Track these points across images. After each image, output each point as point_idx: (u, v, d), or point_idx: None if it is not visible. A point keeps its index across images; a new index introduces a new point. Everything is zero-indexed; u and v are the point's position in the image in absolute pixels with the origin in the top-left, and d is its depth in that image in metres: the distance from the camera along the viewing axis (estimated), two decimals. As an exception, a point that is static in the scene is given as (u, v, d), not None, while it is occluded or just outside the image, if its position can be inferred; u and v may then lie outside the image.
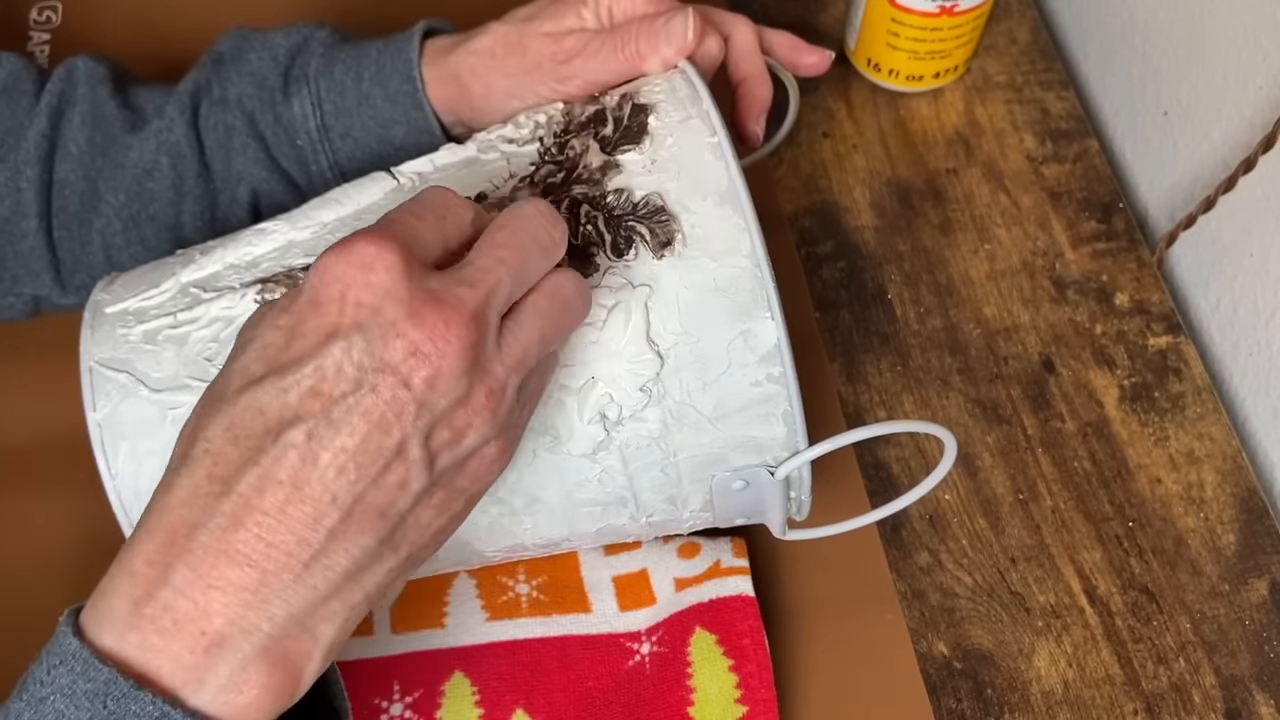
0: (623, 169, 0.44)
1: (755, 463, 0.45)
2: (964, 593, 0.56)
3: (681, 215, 0.43)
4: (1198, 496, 0.59)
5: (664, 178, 0.43)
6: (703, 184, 0.43)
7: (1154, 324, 0.64)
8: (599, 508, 0.45)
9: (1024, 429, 0.60)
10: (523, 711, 0.50)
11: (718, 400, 0.43)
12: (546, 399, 0.42)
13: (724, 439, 0.44)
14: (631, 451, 0.43)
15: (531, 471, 0.43)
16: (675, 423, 0.43)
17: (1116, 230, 0.67)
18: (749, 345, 0.42)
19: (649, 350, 0.42)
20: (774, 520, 0.48)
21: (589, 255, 0.42)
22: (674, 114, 0.45)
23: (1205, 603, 0.56)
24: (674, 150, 0.44)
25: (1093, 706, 0.53)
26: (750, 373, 0.43)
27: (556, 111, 0.48)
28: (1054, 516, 0.58)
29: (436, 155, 0.48)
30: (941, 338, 0.63)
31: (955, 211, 0.67)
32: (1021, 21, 0.75)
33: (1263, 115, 0.59)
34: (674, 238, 0.42)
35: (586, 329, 0.42)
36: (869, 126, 0.70)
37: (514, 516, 0.45)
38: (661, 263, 0.42)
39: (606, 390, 0.42)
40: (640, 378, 0.42)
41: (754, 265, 0.42)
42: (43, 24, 0.73)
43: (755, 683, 0.50)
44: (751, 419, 0.43)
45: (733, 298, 0.42)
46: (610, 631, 0.52)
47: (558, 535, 0.47)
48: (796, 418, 0.43)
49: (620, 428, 0.43)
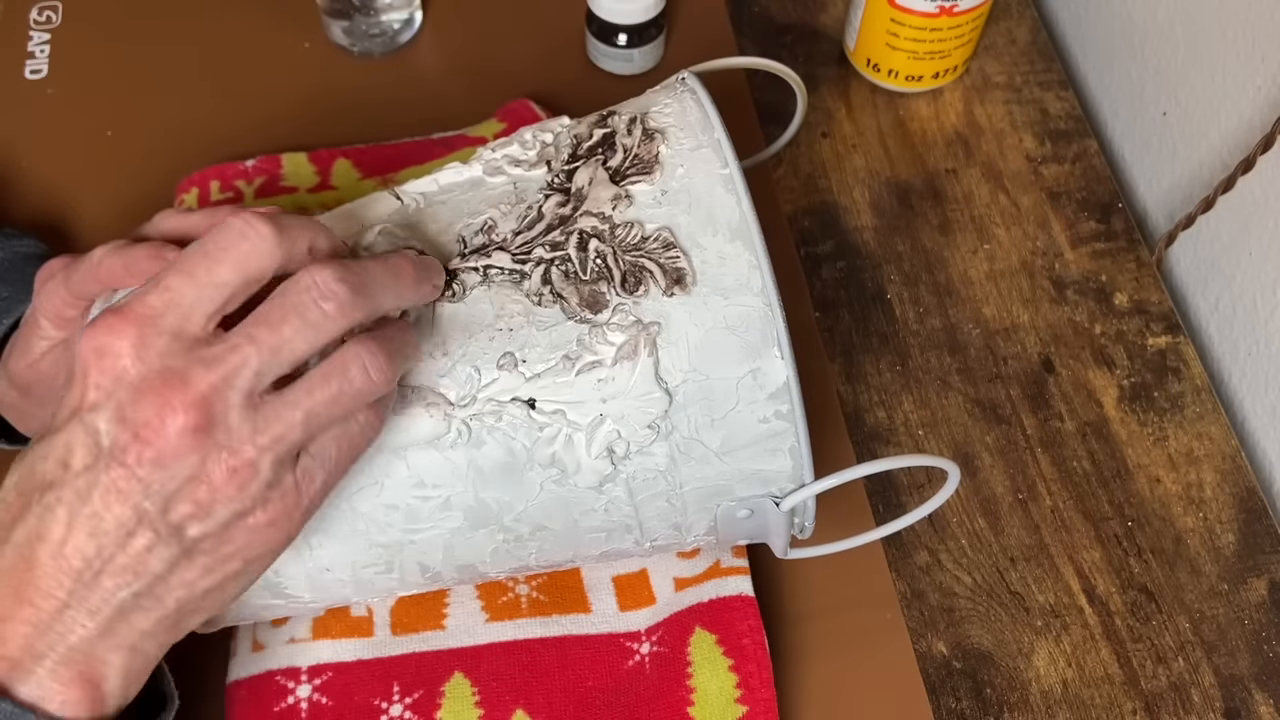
0: (633, 201, 0.43)
1: (760, 493, 0.45)
2: (963, 592, 0.56)
3: (692, 251, 0.42)
4: (1197, 496, 0.59)
5: (675, 210, 0.43)
6: (714, 218, 0.43)
7: (1153, 324, 0.64)
8: (603, 534, 0.45)
9: (1023, 429, 0.61)
10: (523, 712, 0.50)
11: (725, 436, 0.43)
12: (553, 438, 0.42)
13: (730, 472, 0.44)
14: (638, 484, 0.43)
15: (538, 503, 0.43)
16: (682, 457, 0.43)
17: (1116, 230, 0.67)
18: (758, 383, 0.42)
19: (658, 388, 0.41)
20: (777, 544, 0.48)
21: (598, 290, 0.42)
22: (685, 141, 0.44)
23: (1204, 602, 0.56)
24: (685, 181, 0.43)
25: (1092, 706, 0.53)
26: (758, 409, 0.42)
27: (564, 129, 0.47)
28: (1053, 516, 0.58)
29: (441, 174, 0.47)
30: (941, 338, 0.63)
31: (955, 211, 0.67)
32: (1021, 22, 0.75)
33: (1262, 116, 0.59)
34: (684, 276, 0.42)
35: (596, 366, 0.41)
36: (868, 126, 0.71)
37: (519, 542, 0.45)
38: (671, 300, 0.42)
39: (614, 427, 0.42)
40: (648, 415, 0.42)
41: (765, 304, 0.42)
42: (43, 24, 0.73)
43: (755, 682, 0.50)
44: (758, 453, 0.43)
45: (743, 336, 0.42)
46: (610, 631, 0.52)
47: (562, 558, 0.47)
48: (804, 453, 0.43)
49: (627, 462, 0.42)
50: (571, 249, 0.42)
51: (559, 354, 0.41)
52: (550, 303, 0.42)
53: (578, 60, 0.72)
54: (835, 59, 0.73)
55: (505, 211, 0.45)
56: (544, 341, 0.41)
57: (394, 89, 0.71)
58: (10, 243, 0.59)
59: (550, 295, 0.42)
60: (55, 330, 0.47)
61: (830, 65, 0.73)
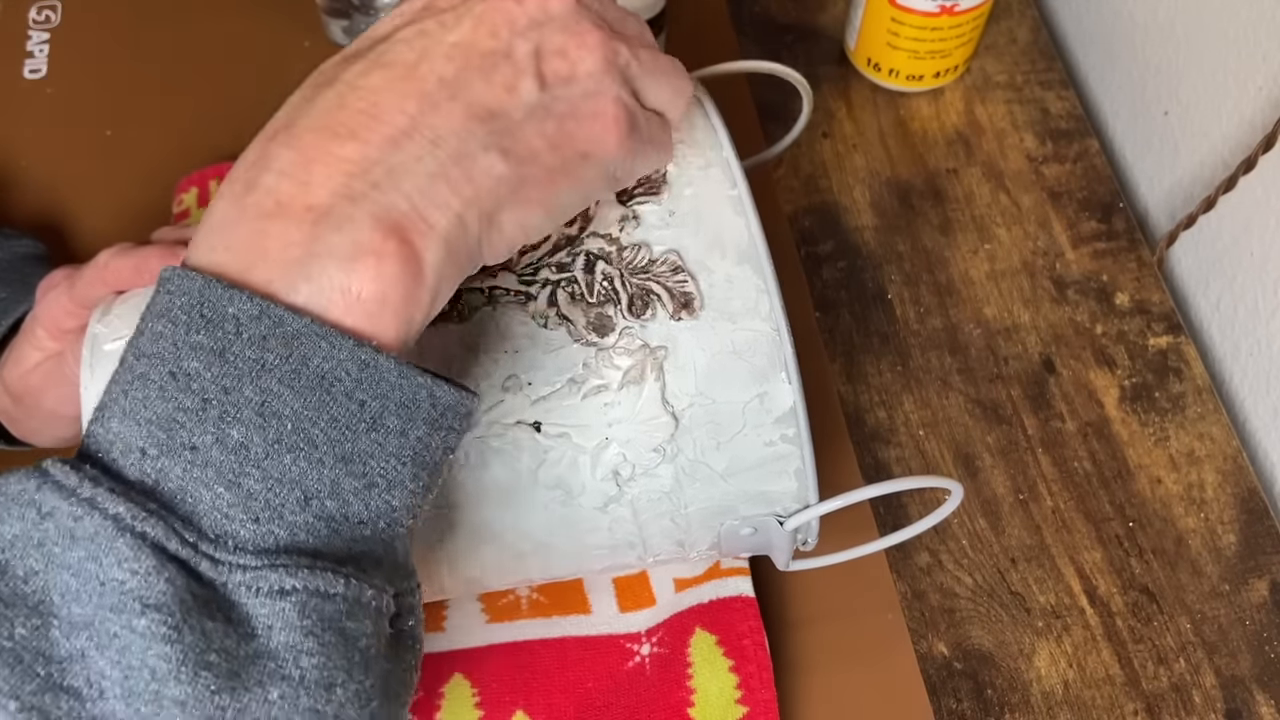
0: (640, 221, 0.43)
1: (765, 512, 0.44)
2: (964, 593, 0.56)
3: (700, 275, 0.42)
4: (1198, 497, 0.59)
5: (682, 233, 0.42)
6: (722, 241, 0.42)
7: (1154, 324, 0.64)
8: (607, 550, 0.45)
9: (1024, 429, 0.60)
10: (523, 713, 0.50)
11: (731, 459, 0.42)
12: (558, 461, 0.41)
13: (735, 493, 0.43)
14: (642, 504, 0.43)
15: (542, 522, 0.43)
16: (687, 479, 0.43)
17: (1117, 230, 0.67)
18: (765, 407, 0.42)
19: (664, 413, 0.41)
20: (779, 558, 0.48)
21: (605, 313, 0.42)
22: (693, 160, 0.44)
23: (1205, 603, 0.56)
24: (693, 203, 0.43)
25: (1093, 707, 0.53)
26: (765, 433, 0.42)
27: None
28: (1054, 517, 0.58)
29: None
30: (941, 338, 0.63)
31: (955, 211, 0.67)
32: (1021, 21, 0.75)
33: (1263, 115, 0.59)
34: (692, 300, 0.41)
35: (602, 391, 0.41)
36: (869, 126, 0.70)
37: (521, 559, 0.45)
38: (679, 324, 0.41)
39: (620, 450, 0.41)
40: (654, 439, 0.41)
41: (773, 329, 0.41)
42: (42, 24, 0.73)
43: (755, 683, 0.50)
44: (764, 475, 0.43)
45: (750, 360, 0.41)
46: (610, 632, 0.52)
47: (564, 573, 0.47)
48: (809, 475, 0.43)
49: (632, 484, 0.42)
50: (578, 271, 0.42)
51: (565, 377, 0.41)
52: (556, 325, 0.41)
53: (578, 60, 0.72)
54: (835, 58, 0.73)
55: None
56: (549, 364, 0.41)
57: (394, 89, 0.71)
58: (9, 243, 0.59)
59: (556, 317, 0.41)
60: (51, 342, 0.46)
61: (830, 65, 0.73)
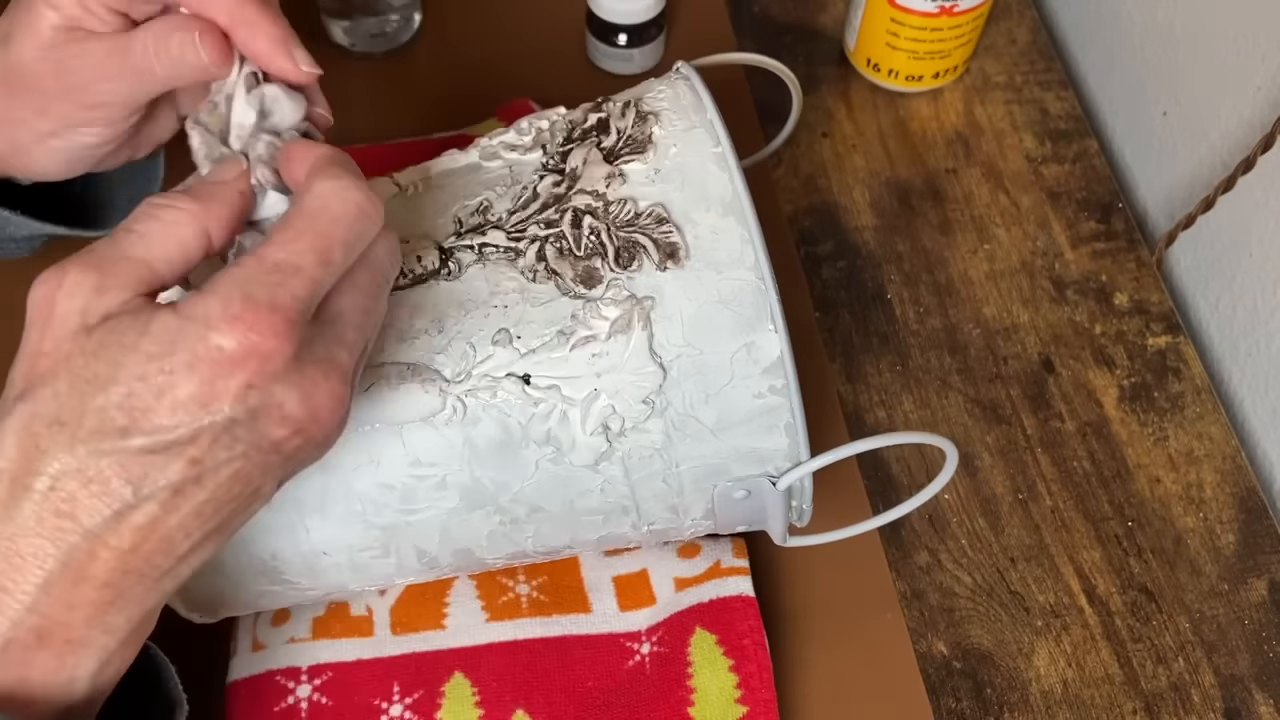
0: (626, 179, 0.44)
1: (757, 473, 0.45)
2: (963, 592, 0.56)
3: (685, 227, 0.43)
4: (1197, 496, 0.59)
5: (668, 188, 0.43)
6: (706, 195, 0.43)
7: (1153, 324, 0.64)
8: (600, 516, 0.45)
9: (1023, 429, 0.60)
10: (523, 712, 0.50)
11: (720, 412, 0.43)
12: (548, 414, 0.42)
13: (726, 450, 0.44)
14: (634, 462, 0.43)
15: (534, 483, 0.43)
16: (678, 434, 0.43)
17: (1116, 230, 0.67)
18: (752, 357, 0.42)
19: (652, 363, 0.42)
20: (775, 528, 0.48)
21: (592, 265, 0.42)
22: (678, 122, 0.45)
23: (1204, 602, 0.56)
24: (678, 160, 0.44)
25: (1092, 706, 0.53)
26: (753, 385, 0.43)
27: (559, 117, 0.48)
28: (1053, 516, 0.58)
29: (438, 161, 0.47)
30: (941, 338, 0.63)
31: (955, 211, 0.67)
32: (1021, 21, 0.75)
33: (1262, 115, 0.59)
34: (677, 250, 0.42)
35: (590, 341, 0.42)
36: (868, 126, 0.71)
37: (516, 525, 0.45)
38: (665, 275, 0.42)
39: (609, 402, 0.42)
40: (643, 390, 0.42)
41: (758, 278, 0.42)
42: (42, 24, 0.73)
43: (755, 683, 0.50)
44: (754, 430, 0.43)
45: (736, 310, 0.42)
46: (610, 632, 0.52)
47: (560, 543, 0.47)
48: (799, 429, 0.43)
49: (623, 439, 0.43)
50: (566, 226, 0.43)
51: (553, 329, 0.42)
52: (545, 279, 0.42)
53: (578, 60, 0.72)
54: (835, 59, 0.73)
55: (501, 193, 0.45)
56: (539, 317, 0.42)
57: (394, 89, 0.71)
58: None
59: (545, 271, 0.42)
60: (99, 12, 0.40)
61: (830, 65, 0.73)
